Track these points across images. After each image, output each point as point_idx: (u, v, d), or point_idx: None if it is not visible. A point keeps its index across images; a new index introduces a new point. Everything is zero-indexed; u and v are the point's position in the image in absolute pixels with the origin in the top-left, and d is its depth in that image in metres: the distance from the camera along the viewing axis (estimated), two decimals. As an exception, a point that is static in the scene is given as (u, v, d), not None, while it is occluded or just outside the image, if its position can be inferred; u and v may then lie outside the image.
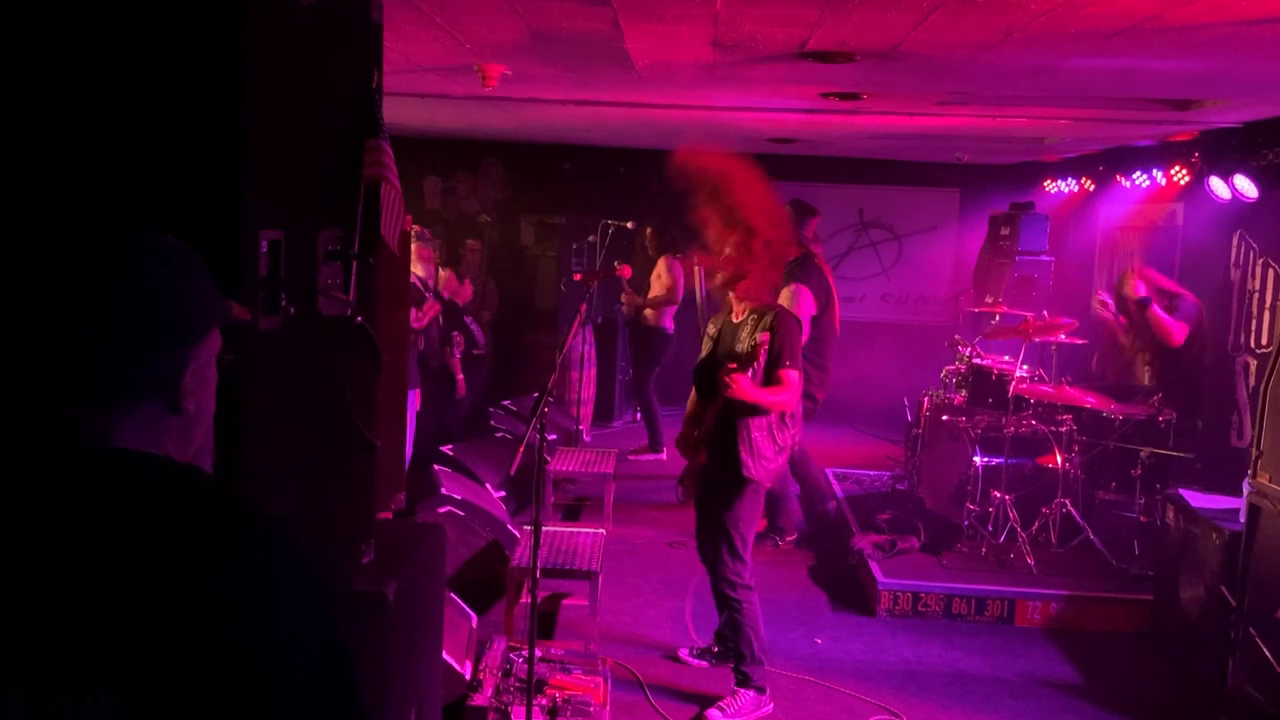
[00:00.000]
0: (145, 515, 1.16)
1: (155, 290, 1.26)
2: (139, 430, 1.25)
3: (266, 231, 2.20)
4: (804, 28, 4.12)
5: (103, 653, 1.10)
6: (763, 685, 4.55)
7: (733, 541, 4.44)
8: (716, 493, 4.49)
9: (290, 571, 1.19)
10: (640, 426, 9.24)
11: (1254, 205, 6.44)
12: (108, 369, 1.23)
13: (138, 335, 1.23)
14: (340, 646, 1.20)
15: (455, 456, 6.59)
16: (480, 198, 10.83)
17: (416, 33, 4.54)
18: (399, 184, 2.59)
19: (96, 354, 1.22)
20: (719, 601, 4.64)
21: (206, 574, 1.13)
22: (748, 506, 4.45)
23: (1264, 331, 6.66)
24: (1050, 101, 5.86)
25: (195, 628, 1.11)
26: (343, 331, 2.53)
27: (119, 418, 1.24)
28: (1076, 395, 6.16)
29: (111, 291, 1.23)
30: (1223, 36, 3.90)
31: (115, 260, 1.25)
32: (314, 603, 1.20)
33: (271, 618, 1.14)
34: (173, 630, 1.10)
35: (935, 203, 10.93)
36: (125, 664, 1.09)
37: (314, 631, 1.18)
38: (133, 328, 1.23)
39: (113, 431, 1.23)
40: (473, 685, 4.29)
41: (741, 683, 4.52)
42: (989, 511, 6.19)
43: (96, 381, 1.22)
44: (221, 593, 1.13)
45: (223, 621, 1.12)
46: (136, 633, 1.10)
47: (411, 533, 3.05)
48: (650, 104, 6.69)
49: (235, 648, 1.12)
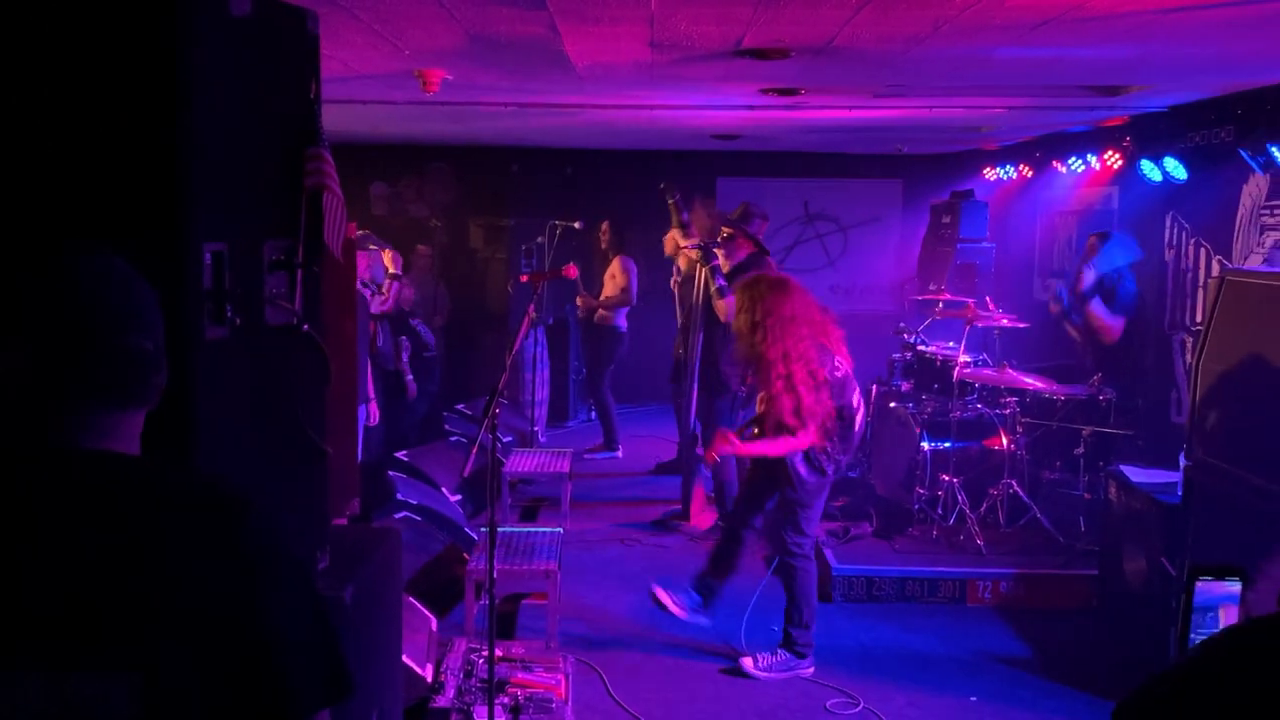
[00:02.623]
0: (151, 507, 1.25)
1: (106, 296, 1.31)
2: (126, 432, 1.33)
3: (210, 243, 2.22)
4: (738, 26, 4.19)
5: (124, 636, 1.17)
6: (804, 651, 4.85)
7: (797, 518, 4.80)
8: (778, 476, 4.82)
9: (281, 550, 1.30)
10: (596, 425, 9.29)
11: (1184, 186, 6.61)
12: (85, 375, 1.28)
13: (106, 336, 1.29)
14: (326, 615, 1.31)
15: (410, 462, 6.60)
16: (428, 202, 10.82)
17: (356, 40, 4.56)
18: (341, 192, 2.61)
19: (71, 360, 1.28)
20: (779, 569, 4.97)
21: (213, 556, 1.23)
22: (810, 495, 4.80)
23: (1198, 309, 6.83)
24: (984, 91, 5.99)
25: (207, 605, 1.20)
26: (290, 340, 2.55)
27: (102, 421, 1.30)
28: (1019, 378, 6.29)
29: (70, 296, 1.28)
30: (1142, 24, 4.02)
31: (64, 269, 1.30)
32: (302, 577, 1.31)
33: (270, 592, 1.25)
34: (188, 609, 1.19)
35: (879, 194, 11.09)
36: (147, 644, 1.17)
37: (305, 603, 1.29)
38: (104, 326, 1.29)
39: (97, 434, 1.29)
40: (434, 687, 4.32)
41: (785, 644, 4.87)
42: (938, 495, 6.31)
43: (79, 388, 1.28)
44: (226, 572, 1.23)
45: (229, 598, 1.22)
46: (155, 613, 1.18)
47: (367, 538, 3.08)
48: (593, 105, 6.74)
49: (240, 621, 1.22)
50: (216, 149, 2.23)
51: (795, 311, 4.67)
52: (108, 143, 2.09)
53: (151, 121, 2.10)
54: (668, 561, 6.40)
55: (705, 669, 4.96)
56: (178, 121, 2.10)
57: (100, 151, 2.10)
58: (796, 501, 4.82)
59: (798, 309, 4.69)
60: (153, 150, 2.11)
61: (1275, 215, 6.06)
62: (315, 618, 1.29)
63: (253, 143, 2.42)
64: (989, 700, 4.72)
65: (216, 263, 2.24)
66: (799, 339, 4.62)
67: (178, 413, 2.10)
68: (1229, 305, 4.65)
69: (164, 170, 2.11)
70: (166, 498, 1.27)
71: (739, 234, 6.51)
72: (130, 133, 2.09)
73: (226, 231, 2.28)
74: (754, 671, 4.84)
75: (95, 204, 2.10)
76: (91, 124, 2.09)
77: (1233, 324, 4.58)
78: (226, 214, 2.29)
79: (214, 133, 2.21)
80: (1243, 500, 4.27)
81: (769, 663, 4.85)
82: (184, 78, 2.10)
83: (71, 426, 1.28)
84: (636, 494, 7.85)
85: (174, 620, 1.19)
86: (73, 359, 1.27)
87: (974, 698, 4.73)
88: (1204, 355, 4.64)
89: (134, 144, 2.10)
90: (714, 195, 10.98)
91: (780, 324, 4.62)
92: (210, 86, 2.19)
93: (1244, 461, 4.32)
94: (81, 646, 1.17)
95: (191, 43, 2.12)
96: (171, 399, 1.45)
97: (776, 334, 4.61)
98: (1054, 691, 4.80)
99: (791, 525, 4.84)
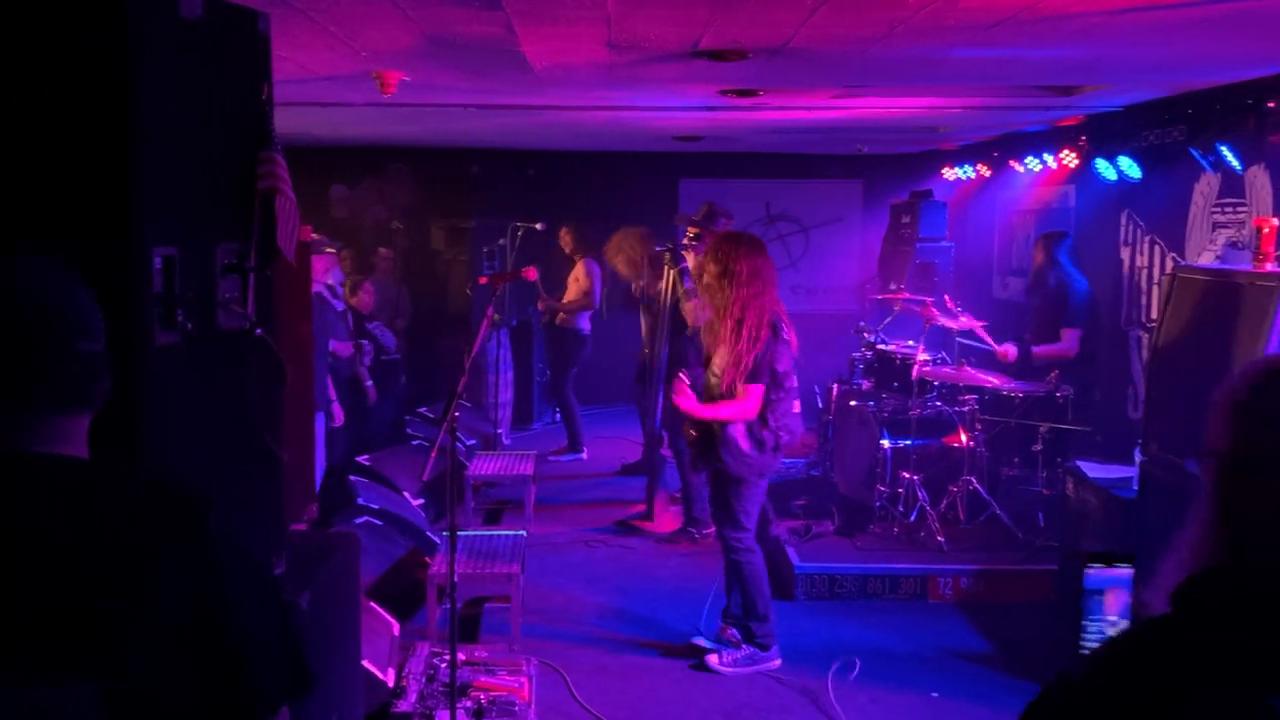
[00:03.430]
0: (115, 510, 1.25)
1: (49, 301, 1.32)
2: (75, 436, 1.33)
3: (160, 247, 2.20)
4: (695, 27, 4.20)
5: (89, 643, 1.17)
6: (766, 642, 4.89)
7: (733, 508, 4.84)
8: (716, 474, 4.88)
9: (243, 549, 1.33)
10: (560, 428, 9.27)
11: (1139, 185, 6.70)
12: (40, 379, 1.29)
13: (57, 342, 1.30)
14: (286, 611, 1.35)
15: (372, 466, 6.56)
16: (389, 204, 10.76)
17: (311, 42, 4.52)
18: (293, 194, 2.60)
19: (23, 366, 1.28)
20: (726, 567, 5.07)
21: (178, 558, 1.24)
22: (742, 493, 4.81)
23: (1153, 306, 6.92)
24: (941, 91, 6.04)
25: (173, 608, 1.21)
26: (243, 345, 2.53)
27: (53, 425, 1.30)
28: (977, 376, 6.35)
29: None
30: (1094, 25, 4.07)
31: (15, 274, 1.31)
32: (262, 575, 1.34)
33: (235, 592, 1.27)
34: (154, 612, 1.20)
35: (839, 194, 11.15)
36: (113, 651, 1.17)
37: (267, 600, 1.32)
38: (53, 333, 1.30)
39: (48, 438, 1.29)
40: (396, 692, 4.30)
41: (746, 638, 4.91)
42: (899, 492, 6.36)
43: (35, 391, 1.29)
44: (193, 573, 1.24)
45: (196, 599, 1.23)
46: (121, 618, 1.18)
47: (324, 543, 3.07)
48: (552, 106, 6.73)
49: (207, 622, 1.23)
50: (166, 152, 2.21)
51: (764, 272, 4.73)
52: (55, 146, 2.07)
53: (99, 124, 2.07)
54: (632, 563, 6.41)
55: (669, 668, 4.97)
56: (126, 124, 2.08)
57: (47, 155, 2.08)
58: (731, 480, 4.78)
59: (766, 271, 4.74)
60: (101, 153, 2.09)
61: (1226, 213, 6.16)
62: (277, 614, 1.32)
63: (204, 146, 2.40)
64: (950, 696, 4.75)
65: (167, 267, 2.22)
66: (763, 293, 4.68)
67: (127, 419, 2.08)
68: (1181, 302, 4.72)
69: (112, 173, 2.09)
70: (129, 500, 1.27)
71: (706, 235, 6.50)
72: (78, 136, 2.07)
73: (177, 235, 2.26)
74: (719, 668, 4.86)
75: (42, 208, 2.08)
76: (38, 127, 2.06)
77: (1185, 320, 4.65)
78: (177, 217, 2.27)
79: (164, 136, 2.19)
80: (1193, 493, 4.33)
81: (734, 659, 4.89)
82: (133, 80, 2.08)
83: (23, 430, 1.28)
84: (601, 496, 7.85)
85: (140, 625, 1.19)
86: (26, 363, 1.27)
87: (935, 694, 4.77)
88: (1158, 351, 4.71)
89: (82, 147, 2.07)
90: (676, 197, 11.02)
91: (753, 275, 4.68)
92: (160, 89, 2.17)
93: (1195, 455, 4.39)
94: (45, 656, 1.16)
95: (140, 44, 2.10)
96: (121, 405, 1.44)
97: (743, 281, 4.65)
98: (1015, 686, 4.84)
99: (729, 519, 4.85)
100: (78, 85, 2.07)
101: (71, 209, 2.08)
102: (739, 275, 4.68)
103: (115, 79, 2.08)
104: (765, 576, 4.94)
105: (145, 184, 2.12)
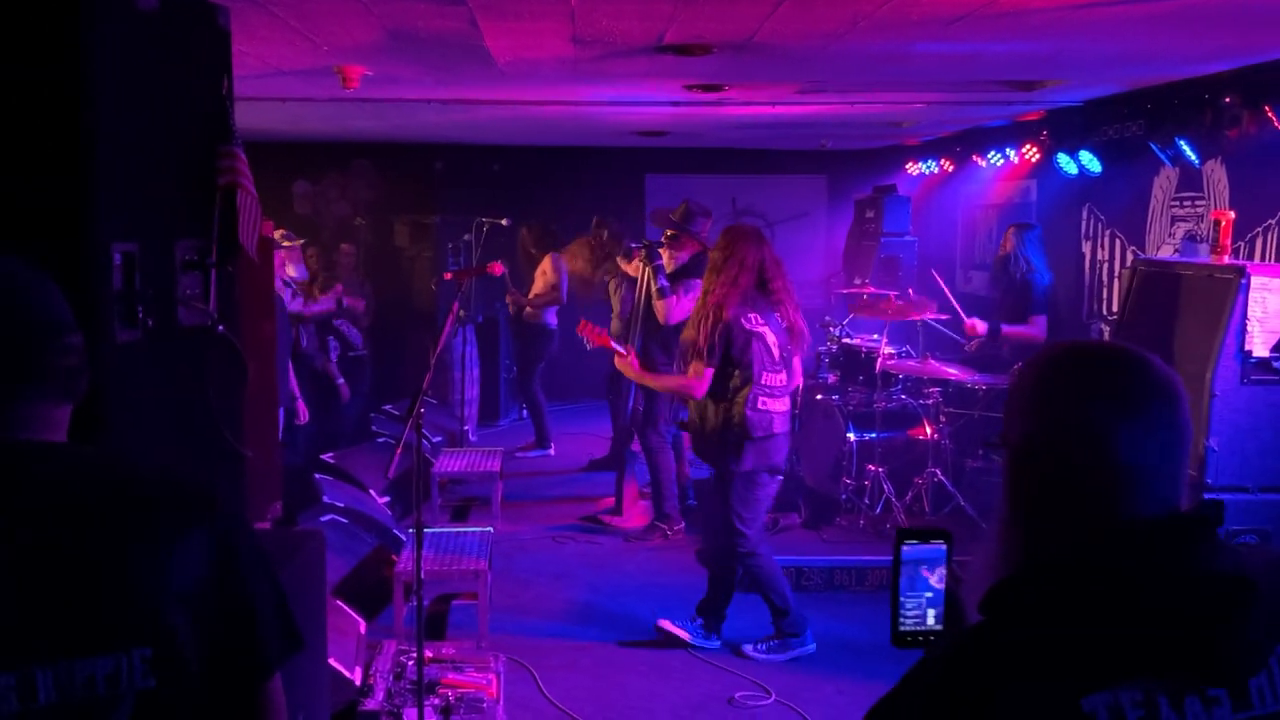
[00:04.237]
0: (136, 498, 1.35)
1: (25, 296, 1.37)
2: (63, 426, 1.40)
3: (119, 243, 2.17)
4: (659, 21, 4.21)
5: (137, 614, 1.29)
6: (795, 630, 5.01)
7: (729, 517, 4.92)
8: (718, 478, 5.03)
9: (245, 529, 1.49)
10: (528, 424, 9.25)
11: (1099, 179, 6.78)
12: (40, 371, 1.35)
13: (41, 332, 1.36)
14: (277, 580, 1.48)
15: (337, 463, 6.52)
16: (352, 200, 10.68)
17: (272, 36, 4.49)
18: (254, 189, 2.57)
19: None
20: (741, 578, 5.17)
21: (198, 538, 1.36)
22: (735, 493, 4.91)
23: (1114, 299, 7.01)
24: (904, 86, 6.08)
25: (197, 583, 1.34)
26: (205, 341, 2.51)
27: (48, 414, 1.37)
28: (941, 369, 6.40)
29: None
30: (1054, 20, 4.12)
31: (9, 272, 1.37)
32: (260, 550, 1.47)
33: (245, 568, 1.41)
34: (184, 584, 1.33)
35: (804, 189, 11.20)
36: (157, 618, 1.30)
37: (266, 572, 1.47)
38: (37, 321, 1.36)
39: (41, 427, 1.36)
40: (363, 691, 4.27)
41: (776, 632, 5.03)
42: (865, 485, 6.40)
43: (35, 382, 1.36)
44: (210, 554, 1.36)
45: (216, 576, 1.36)
46: (161, 591, 1.31)
47: (288, 541, 3.04)
48: (517, 101, 6.71)
49: (227, 595, 1.38)
50: (124, 147, 2.18)
51: (747, 260, 4.84)
52: (9, 141, 2.04)
53: (54, 118, 2.04)
54: (600, 559, 6.40)
55: (638, 663, 4.97)
56: (81, 118, 2.05)
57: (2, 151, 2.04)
58: (728, 480, 4.88)
59: (749, 260, 4.85)
60: (58, 149, 2.06)
61: (1185, 206, 6.24)
62: (272, 585, 1.46)
63: (163, 140, 2.38)
64: (916, 686, 4.78)
65: (127, 263, 2.20)
66: (733, 282, 4.81)
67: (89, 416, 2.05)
68: (1142, 294, 4.78)
69: (68, 169, 2.06)
70: (152, 486, 1.38)
71: (684, 234, 6.49)
72: (31, 130, 2.04)
73: (137, 231, 2.23)
74: (752, 654, 5.01)
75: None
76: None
77: (1146, 313, 4.71)
78: (136, 213, 2.24)
79: (121, 130, 2.16)
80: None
81: (766, 646, 5.04)
82: (88, 73, 2.05)
83: (31, 420, 1.34)
84: (569, 492, 7.84)
85: (171, 595, 1.31)
86: (29, 354, 1.34)
87: (902, 684, 4.80)
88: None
89: (36, 142, 2.04)
90: (643, 192, 11.02)
91: (729, 261, 4.84)
92: (116, 83, 2.14)
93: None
94: (90, 628, 1.26)
95: (95, 36, 2.07)
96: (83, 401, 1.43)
97: (717, 267, 4.86)
98: (979, 676, 4.88)
99: (732, 528, 4.91)
100: (31, 79, 2.04)
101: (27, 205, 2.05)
102: (715, 262, 4.90)
103: (69, 71, 2.05)
104: (775, 573, 5.02)
105: (103, 179, 2.10)
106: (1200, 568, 1.19)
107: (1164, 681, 1.14)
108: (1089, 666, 1.14)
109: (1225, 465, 4.18)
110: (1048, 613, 1.18)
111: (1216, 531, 1.22)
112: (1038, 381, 1.31)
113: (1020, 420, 1.31)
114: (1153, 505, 1.23)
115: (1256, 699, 1.18)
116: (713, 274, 4.89)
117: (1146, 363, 1.28)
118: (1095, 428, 1.23)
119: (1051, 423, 1.27)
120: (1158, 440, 1.24)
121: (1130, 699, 1.13)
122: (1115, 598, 1.16)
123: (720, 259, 4.90)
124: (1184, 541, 1.21)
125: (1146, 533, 1.21)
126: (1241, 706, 1.18)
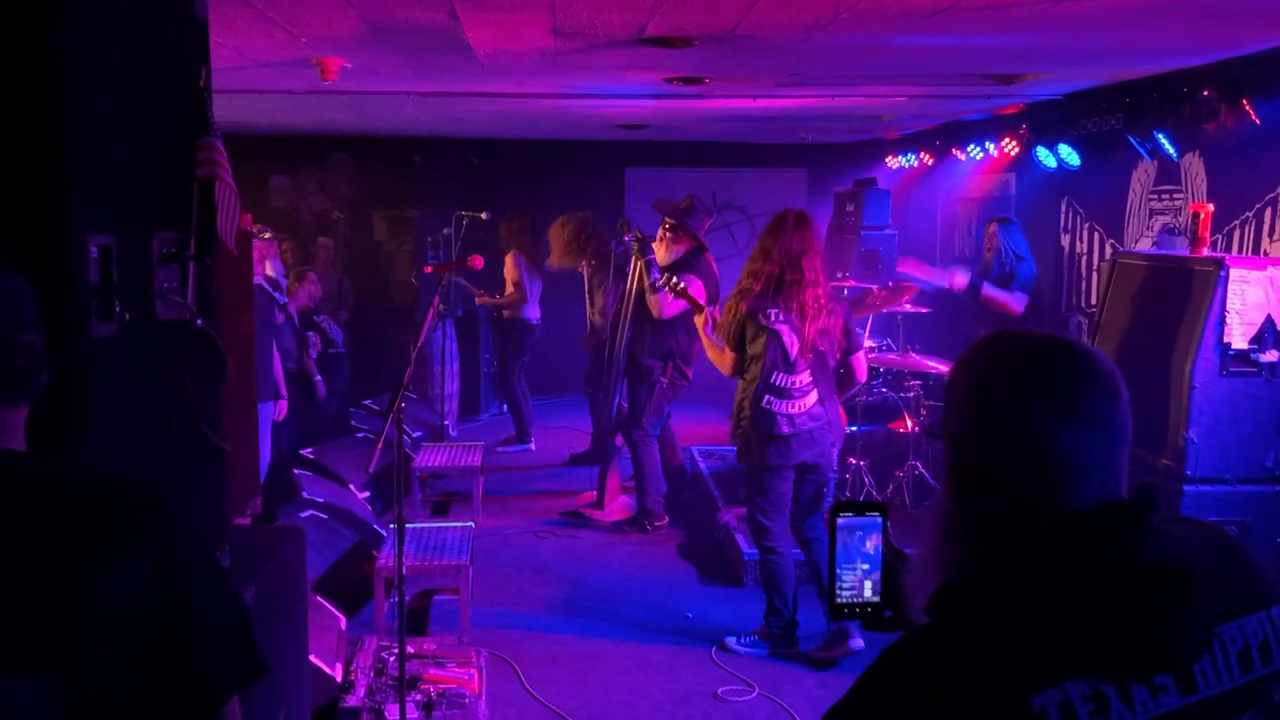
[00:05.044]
0: (64, 502, 1.25)
1: None
2: (15, 429, 1.33)
3: (95, 236, 2.14)
4: (640, 13, 4.19)
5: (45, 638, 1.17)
6: (778, 632, 5.00)
7: (751, 509, 4.99)
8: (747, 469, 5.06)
9: (193, 537, 1.35)
10: (508, 418, 9.22)
11: (1078, 172, 6.80)
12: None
13: None
14: (236, 597, 1.37)
15: (317, 459, 6.48)
16: (330, 194, 10.62)
17: (250, 28, 4.44)
18: (233, 182, 2.54)
19: None
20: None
21: (131, 549, 1.25)
22: (756, 483, 4.92)
23: (1092, 291, 7.04)
24: (884, 79, 6.08)
25: (128, 599, 1.22)
26: (183, 336, 2.48)
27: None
28: (922, 362, 6.41)
29: None
30: (1035, 14, 4.12)
31: None
32: (212, 562, 1.35)
33: (188, 579, 1.29)
34: (109, 605, 1.21)
35: (784, 183, 11.20)
36: (68, 644, 1.18)
37: (217, 586, 1.34)
38: None
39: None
40: (345, 687, 4.25)
41: (764, 629, 5.05)
42: (846, 478, 6.40)
43: None
44: (145, 564, 1.25)
45: (150, 590, 1.24)
46: (76, 611, 1.19)
47: (268, 537, 3.02)
48: (497, 93, 6.68)
49: (162, 612, 1.25)
50: (100, 137, 2.15)
51: (776, 252, 4.82)
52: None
53: (27, 108, 2.01)
54: (582, 553, 6.39)
55: (620, 657, 4.97)
56: (57, 108, 2.02)
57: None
58: (750, 471, 4.95)
59: (777, 253, 4.82)
60: (30, 139, 2.02)
61: (1163, 200, 6.27)
62: (227, 600, 1.33)
63: (140, 132, 2.34)
64: (898, 678, 4.79)
65: (103, 257, 2.16)
66: (758, 270, 4.83)
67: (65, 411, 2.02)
68: (1121, 287, 4.79)
69: (43, 160, 2.02)
70: (78, 492, 1.27)
71: (682, 230, 6.45)
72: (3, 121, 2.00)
73: (113, 224, 2.20)
74: (733, 646, 5.02)
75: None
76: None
77: (1124, 305, 4.73)
78: (113, 206, 2.21)
79: (97, 120, 2.13)
80: (1132, 476, 4.40)
81: (749, 639, 5.05)
82: (61, 62, 2.02)
83: None
84: (550, 486, 7.82)
85: (95, 617, 1.19)
86: None
87: (884, 676, 4.81)
88: (1098, 336, 4.78)
89: (8, 133, 2.01)
90: (623, 186, 11.00)
91: (761, 252, 4.88)
92: (91, 73, 2.10)
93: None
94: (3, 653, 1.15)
95: (70, 26, 2.03)
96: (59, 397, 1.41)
97: (754, 256, 4.90)
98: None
99: (750, 519, 5.00)
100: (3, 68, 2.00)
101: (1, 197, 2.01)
102: (755, 248, 4.95)
103: (42, 60, 2.01)
104: (788, 577, 4.97)
105: (79, 170, 2.06)
106: (1141, 559, 1.18)
107: (1110, 673, 1.14)
108: (1036, 664, 1.13)
109: (1204, 457, 4.20)
110: (993, 611, 1.18)
111: (1153, 518, 1.22)
112: (978, 376, 1.29)
113: (960, 412, 1.29)
114: (1092, 497, 1.23)
115: (1201, 681, 1.19)
116: (750, 259, 4.92)
117: (1088, 357, 1.28)
118: (1035, 426, 1.22)
119: (992, 419, 1.26)
120: (1099, 437, 1.24)
121: (1079, 693, 1.13)
122: (1058, 594, 1.15)
123: (757, 245, 4.93)
124: (1124, 531, 1.20)
125: (1086, 524, 1.20)
126: (1188, 691, 1.18)
